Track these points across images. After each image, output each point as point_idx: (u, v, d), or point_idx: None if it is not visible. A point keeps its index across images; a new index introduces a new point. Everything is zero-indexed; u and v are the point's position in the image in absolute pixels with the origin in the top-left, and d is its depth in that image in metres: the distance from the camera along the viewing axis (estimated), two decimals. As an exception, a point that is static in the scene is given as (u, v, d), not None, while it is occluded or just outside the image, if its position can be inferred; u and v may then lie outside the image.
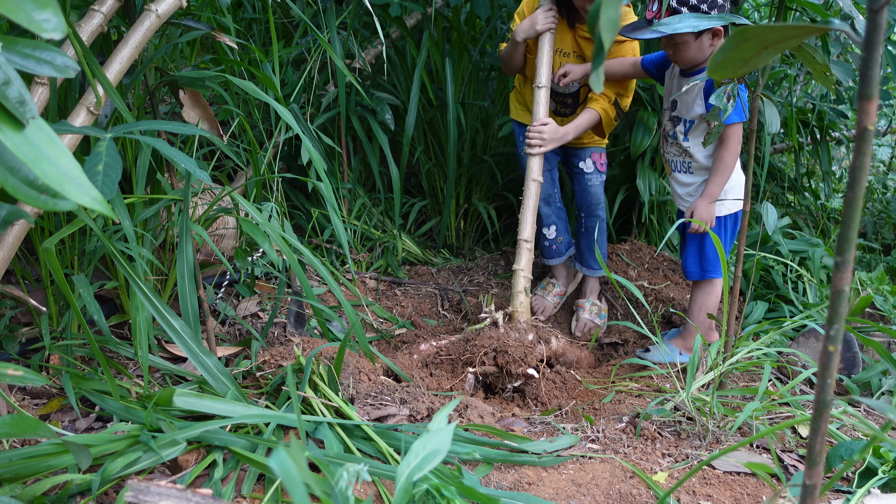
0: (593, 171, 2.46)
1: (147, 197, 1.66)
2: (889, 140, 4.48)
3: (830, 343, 0.65)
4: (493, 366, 1.93)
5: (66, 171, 0.68)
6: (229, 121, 2.67)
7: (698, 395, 1.74)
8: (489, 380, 1.99)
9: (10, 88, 0.69)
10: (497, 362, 1.94)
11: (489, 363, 1.92)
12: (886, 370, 1.98)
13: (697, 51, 2.00)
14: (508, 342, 1.94)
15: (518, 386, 1.99)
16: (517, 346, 1.95)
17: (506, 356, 1.92)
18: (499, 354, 1.93)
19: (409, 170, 3.43)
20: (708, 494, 1.43)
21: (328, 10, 2.64)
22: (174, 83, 1.60)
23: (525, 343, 1.96)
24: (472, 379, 1.96)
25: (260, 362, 1.78)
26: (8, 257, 1.34)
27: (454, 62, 2.97)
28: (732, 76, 0.69)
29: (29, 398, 1.64)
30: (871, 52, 0.58)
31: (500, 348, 1.93)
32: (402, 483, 0.84)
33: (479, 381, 2.00)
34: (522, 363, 1.91)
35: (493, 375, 1.97)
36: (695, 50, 2.00)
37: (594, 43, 0.58)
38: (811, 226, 3.29)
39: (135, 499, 0.82)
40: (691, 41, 1.98)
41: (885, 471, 1.40)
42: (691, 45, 1.99)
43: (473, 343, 1.98)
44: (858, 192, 0.60)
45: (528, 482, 1.43)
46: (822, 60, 1.28)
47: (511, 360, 1.91)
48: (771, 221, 1.75)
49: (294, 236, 1.84)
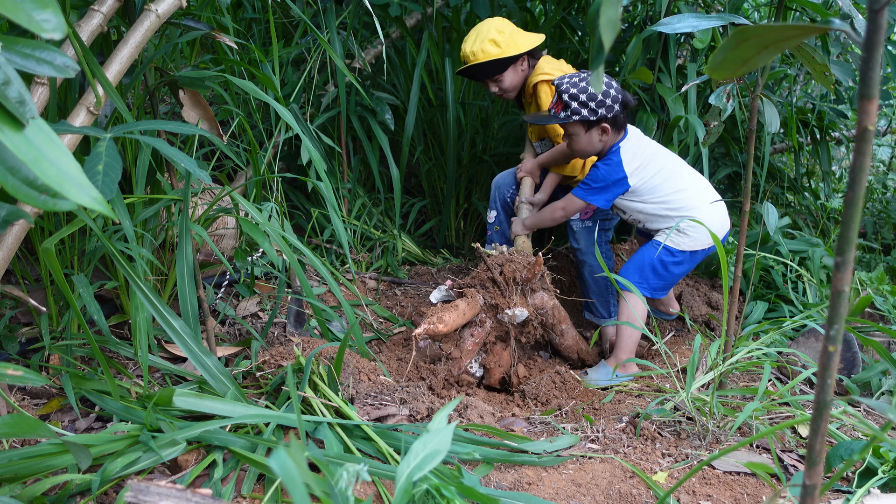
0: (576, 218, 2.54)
1: (147, 197, 1.66)
2: (889, 140, 4.48)
3: (830, 343, 0.65)
4: (500, 277, 2.11)
5: (65, 171, 0.68)
6: (229, 121, 2.67)
7: (698, 395, 1.74)
8: (495, 299, 2.10)
9: (10, 88, 0.69)
10: (503, 272, 2.11)
11: (497, 275, 2.11)
12: (886, 370, 1.98)
13: (588, 143, 2.20)
14: (513, 257, 2.17)
15: (521, 320, 2.11)
16: (522, 259, 2.15)
17: (512, 265, 2.11)
18: (505, 265, 2.12)
19: (409, 170, 3.43)
20: (708, 494, 1.43)
21: (328, 10, 2.64)
22: (174, 83, 1.60)
23: (528, 260, 2.15)
24: (480, 298, 2.11)
25: (260, 362, 1.78)
26: (8, 257, 1.34)
27: (454, 62, 2.97)
28: (732, 76, 0.69)
29: (29, 398, 1.64)
30: (872, 52, 0.58)
31: (507, 261, 2.14)
32: (402, 483, 0.84)
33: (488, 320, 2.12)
34: (528, 270, 2.10)
35: (497, 293, 2.11)
36: (585, 142, 2.20)
37: (595, 43, 0.58)
38: (811, 226, 3.29)
39: (135, 499, 0.82)
40: (581, 133, 2.18)
41: (885, 471, 1.40)
42: (582, 137, 2.19)
43: (483, 265, 2.16)
44: (858, 192, 0.60)
45: (528, 482, 1.43)
46: (822, 60, 1.28)
47: (517, 268, 2.10)
48: (771, 221, 1.75)
49: (294, 236, 1.84)
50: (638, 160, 2.18)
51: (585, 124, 2.15)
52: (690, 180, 2.23)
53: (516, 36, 2.43)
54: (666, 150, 2.30)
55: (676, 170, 2.22)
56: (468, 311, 2.06)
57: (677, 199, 2.19)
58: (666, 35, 2.78)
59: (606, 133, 2.16)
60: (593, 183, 2.20)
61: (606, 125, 2.14)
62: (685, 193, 2.19)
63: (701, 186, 2.23)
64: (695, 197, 2.19)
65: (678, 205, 2.19)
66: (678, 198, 2.19)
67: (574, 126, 2.17)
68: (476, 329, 2.12)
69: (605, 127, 2.15)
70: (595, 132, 2.17)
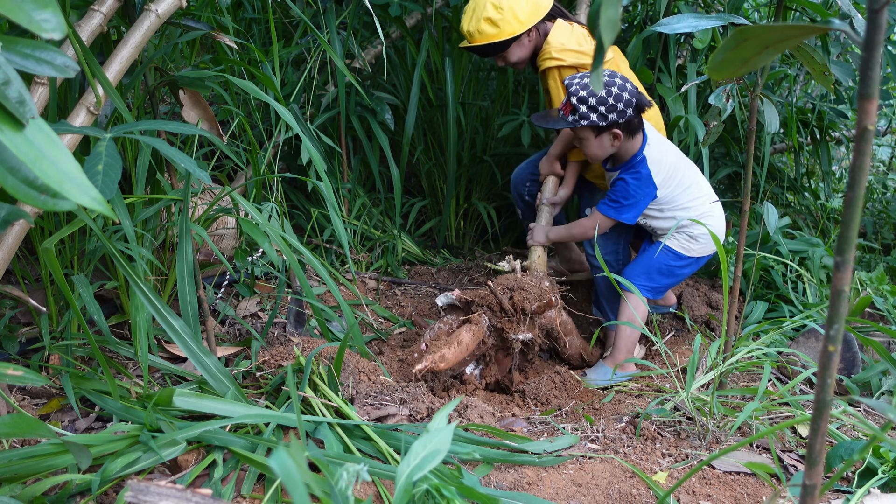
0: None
1: (147, 197, 1.66)
2: (889, 140, 4.48)
3: (830, 343, 0.65)
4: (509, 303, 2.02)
5: (65, 171, 0.68)
6: (229, 121, 2.67)
7: (698, 395, 1.74)
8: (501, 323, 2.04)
9: (10, 88, 0.69)
10: (513, 300, 2.02)
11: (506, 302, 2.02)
12: (886, 370, 1.98)
13: (598, 147, 2.10)
14: (525, 282, 2.05)
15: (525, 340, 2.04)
16: (534, 289, 2.04)
17: (522, 293, 2.01)
18: (515, 292, 2.02)
19: (409, 170, 3.43)
20: (708, 494, 1.43)
21: (328, 10, 2.64)
22: (174, 83, 1.60)
23: (541, 286, 2.05)
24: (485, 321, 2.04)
25: (260, 362, 1.78)
26: (8, 257, 1.34)
27: (454, 62, 2.97)
28: (732, 76, 0.69)
29: (29, 398, 1.64)
30: (871, 53, 0.58)
31: (518, 287, 2.03)
32: (402, 483, 0.84)
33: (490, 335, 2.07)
34: (538, 300, 2.01)
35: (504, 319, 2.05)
36: (595, 146, 2.09)
37: (595, 43, 0.58)
38: (811, 226, 3.29)
39: (134, 499, 0.82)
40: (591, 138, 2.08)
41: (885, 471, 1.40)
42: (592, 142, 2.09)
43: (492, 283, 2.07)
44: (858, 192, 0.60)
45: (528, 482, 1.43)
46: (821, 60, 1.28)
47: (526, 298, 2.01)
48: (771, 221, 1.74)
49: (294, 236, 1.84)
50: (664, 171, 2.10)
51: (595, 129, 2.05)
52: (704, 186, 2.18)
53: (516, 9, 2.21)
54: (680, 153, 2.22)
55: (694, 177, 2.16)
56: (471, 343, 1.97)
57: (693, 207, 2.15)
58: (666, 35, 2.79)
59: (618, 139, 2.06)
60: (624, 200, 2.11)
61: (618, 131, 2.04)
62: (700, 201, 2.15)
63: (709, 190, 2.20)
64: (706, 204, 2.16)
65: (693, 213, 2.14)
66: (694, 205, 2.15)
67: (583, 131, 2.07)
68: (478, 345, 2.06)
69: (617, 133, 2.04)
70: (606, 137, 2.06)
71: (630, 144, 2.10)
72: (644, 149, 2.10)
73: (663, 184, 2.10)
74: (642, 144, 2.11)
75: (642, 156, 2.09)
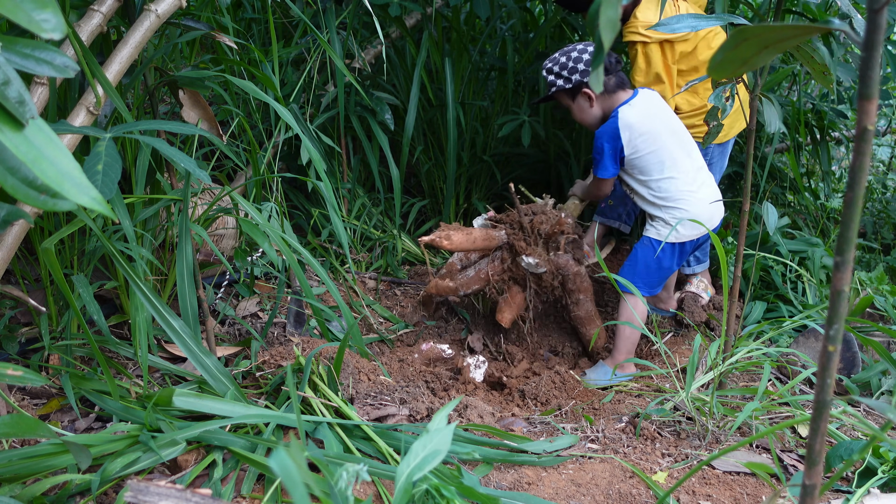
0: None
1: (147, 197, 1.66)
2: (889, 140, 4.47)
3: (830, 343, 0.65)
4: (528, 223, 2.19)
5: (65, 171, 0.68)
6: (229, 121, 2.67)
7: (698, 395, 1.74)
8: (515, 240, 2.18)
9: (10, 88, 0.69)
10: (532, 221, 2.20)
11: (525, 221, 2.20)
12: (886, 370, 1.98)
13: (580, 111, 2.21)
14: (549, 212, 2.24)
15: (538, 273, 2.17)
16: (551, 215, 2.22)
17: (542, 217, 2.20)
18: (536, 216, 2.21)
19: (408, 170, 3.42)
20: (708, 494, 1.43)
21: (328, 10, 2.64)
22: (174, 83, 1.60)
23: (561, 217, 2.21)
24: (503, 235, 2.20)
25: (259, 362, 1.78)
26: (7, 257, 1.34)
27: (454, 62, 2.97)
28: (732, 76, 0.69)
29: (29, 398, 1.64)
30: (871, 53, 0.58)
31: (541, 212, 2.23)
32: (402, 483, 0.84)
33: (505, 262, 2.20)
34: (552, 226, 2.18)
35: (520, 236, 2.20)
36: (577, 111, 2.22)
37: (595, 43, 0.58)
38: (811, 226, 3.28)
39: (134, 499, 0.82)
40: (570, 104, 2.22)
41: (885, 471, 1.40)
42: (573, 108, 2.22)
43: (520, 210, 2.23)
44: (858, 192, 0.60)
45: (528, 482, 1.43)
46: (821, 60, 1.28)
47: (543, 221, 2.19)
48: (771, 221, 1.74)
49: (294, 236, 1.84)
50: (635, 134, 2.09)
51: (568, 93, 2.16)
52: (686, 171, 2.13)
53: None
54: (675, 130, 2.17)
55: (674, 156, 2.12)
56: (480, 239, 2.11)
57: (664, 188, 2.12)
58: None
59: (592, 100, 2.15)
60: (598, 155, 2.16)
61: (588, 91, 2.12)
62: (672, 182, 2.12)
63: (697, 178, 2.15)
64: (682, 188, 2.12)
65: (664, 194, 2.13)
66: (665, 186, 2.12)
67: (560, 97, 2.20)
68: (488, 263, 2.18)
69: (587, 92, 2.13)
70: (581, 100, 2.17)
71: (607, 104, 2.18)
72: (622, 105, 2.14)
73: (630, 143, 2.10)
74: (621, 104, 2.15)
75: (615, 112, 2.15)
